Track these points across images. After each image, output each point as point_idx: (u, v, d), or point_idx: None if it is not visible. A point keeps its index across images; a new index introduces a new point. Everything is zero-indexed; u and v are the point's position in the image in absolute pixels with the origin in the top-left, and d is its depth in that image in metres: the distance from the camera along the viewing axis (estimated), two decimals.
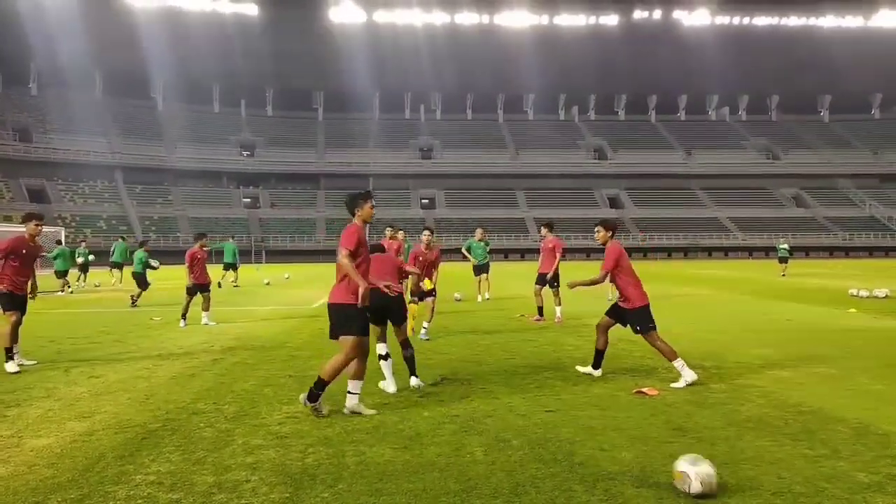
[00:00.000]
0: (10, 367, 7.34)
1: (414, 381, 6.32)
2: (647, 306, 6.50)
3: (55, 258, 21.02)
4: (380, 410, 5.43)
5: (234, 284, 22.71)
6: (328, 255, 53.18)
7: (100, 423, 5.17)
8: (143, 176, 68.29)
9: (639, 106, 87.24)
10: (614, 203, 75.67)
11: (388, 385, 6.20)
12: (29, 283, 7.93)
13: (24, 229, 7.96)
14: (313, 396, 5.17)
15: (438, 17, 77.01)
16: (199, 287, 11.57)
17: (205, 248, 11.85)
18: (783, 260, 28.67)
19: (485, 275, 16.38)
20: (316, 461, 4.21)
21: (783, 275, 26.67)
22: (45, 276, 14.63)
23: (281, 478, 3.92)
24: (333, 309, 5.25)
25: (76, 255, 23.71)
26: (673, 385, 6.20)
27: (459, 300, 15.95)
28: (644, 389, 6.04)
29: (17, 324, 7.66)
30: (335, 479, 3.88)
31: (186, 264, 11.55)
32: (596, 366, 6.79)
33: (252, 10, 73.84)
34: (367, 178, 74.06)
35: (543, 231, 12.04)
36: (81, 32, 63.14)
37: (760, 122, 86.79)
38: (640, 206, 74.17)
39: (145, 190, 67.55)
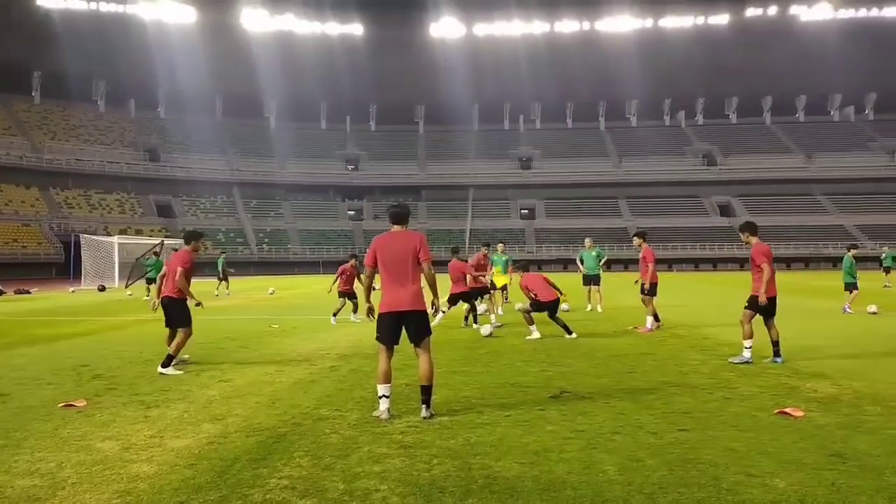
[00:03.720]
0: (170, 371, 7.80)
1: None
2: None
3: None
4: (501, 423, 5.30)
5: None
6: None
7: (232, 425, 5.35)
8: (257, 191, 72.39)
9: (752, 108, 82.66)
10: (725, 211, 72.00)
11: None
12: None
13: (189, 246, 8.51)
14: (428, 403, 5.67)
15: (538, 27, 76.56)
16: (347, 294, 13.89)
17: (354, 266, 14.03)
18: (888, 270, 27.13)
19: (595, 286, 15.92)
20: (443, 473, 4.12)
21: (887, 286, 24.78)
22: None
23: (410, 488, 3.85)
24: (425, 315, 5.77)
25: (220, 265, 25.99)
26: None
27: (567, 310, 15.57)
28: (787, 410, 5.54)
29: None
30: (465, 493, 3.76)
31: (337, 275, 13.99)
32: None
33: (357, 31, 76.64)
34: (468, 190, 74.58)
35: (638, 241, 12.02)
36: (203, 59, 68.12)
37: (891, 122, 79.75)
38: (754, 213, 69.85)
39: (259, 204, 71.47)
